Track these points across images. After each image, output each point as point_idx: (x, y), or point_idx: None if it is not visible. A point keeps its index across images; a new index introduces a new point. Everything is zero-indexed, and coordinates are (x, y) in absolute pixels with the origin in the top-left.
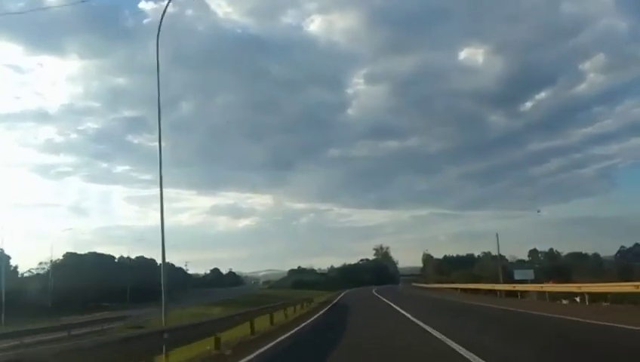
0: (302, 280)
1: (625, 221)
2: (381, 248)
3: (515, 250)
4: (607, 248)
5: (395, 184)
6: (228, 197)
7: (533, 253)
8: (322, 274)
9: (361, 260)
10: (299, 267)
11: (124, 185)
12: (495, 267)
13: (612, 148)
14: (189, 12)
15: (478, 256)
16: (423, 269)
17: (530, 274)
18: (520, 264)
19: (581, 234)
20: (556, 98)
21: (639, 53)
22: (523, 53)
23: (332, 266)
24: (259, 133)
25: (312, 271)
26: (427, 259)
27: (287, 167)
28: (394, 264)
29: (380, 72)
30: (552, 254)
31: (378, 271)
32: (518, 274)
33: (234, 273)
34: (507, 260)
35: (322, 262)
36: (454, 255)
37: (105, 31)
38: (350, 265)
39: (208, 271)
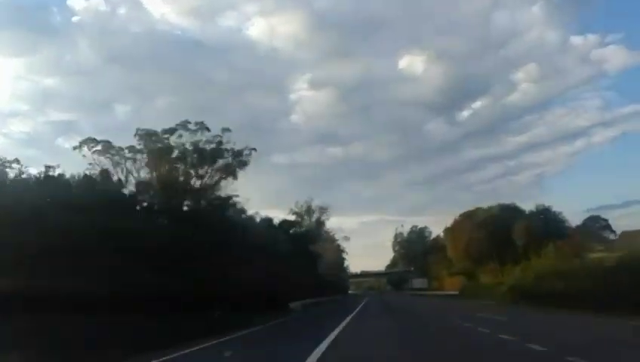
0: None
1: None
2: (310, 208)
3: None
4: None
5: (341, 190)
6: None
7: None
8: None
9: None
10: None
11: None
12: None
13: (543, 155)
14: (122, 11)
15: None
16: (400, 260)
17: None
18: None
19: None
20: (491, 107)
21: (568, 64)
22: (460, 62)
23: None
24: None
25: None
26: (418, 235)
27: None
28: (339, 251)
29: (323, 78)
30: None
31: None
32: None
33: None
34: None
35: None
36: None
37: (30, 27)
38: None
39: None
